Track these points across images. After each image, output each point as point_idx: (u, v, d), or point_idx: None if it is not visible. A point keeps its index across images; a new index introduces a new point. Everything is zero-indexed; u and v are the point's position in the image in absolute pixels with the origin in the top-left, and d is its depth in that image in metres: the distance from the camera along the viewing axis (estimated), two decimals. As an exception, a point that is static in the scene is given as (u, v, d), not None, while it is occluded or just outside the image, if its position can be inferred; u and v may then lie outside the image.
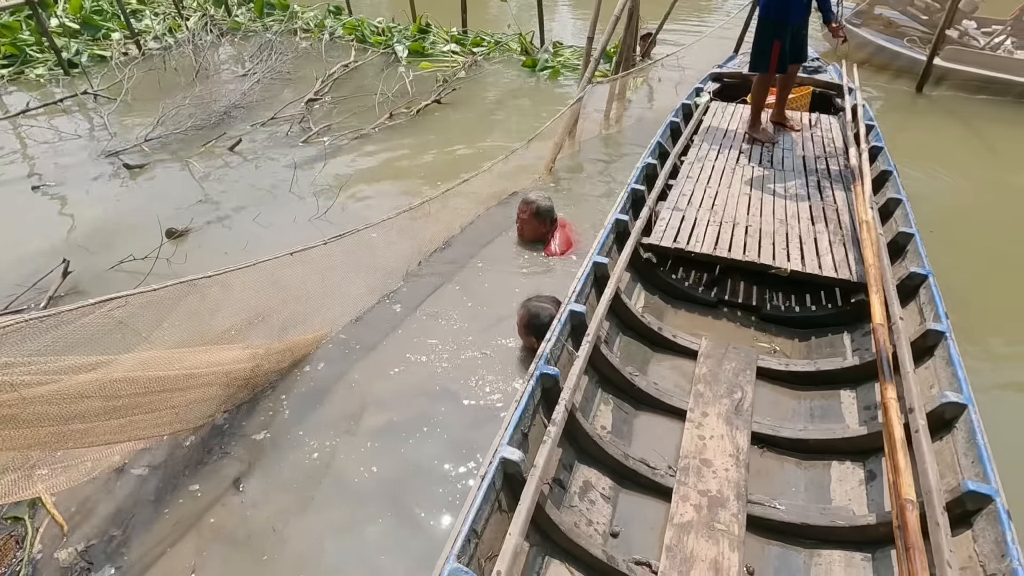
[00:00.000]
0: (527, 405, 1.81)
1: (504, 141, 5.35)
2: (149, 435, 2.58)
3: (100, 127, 5.69)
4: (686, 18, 9.59)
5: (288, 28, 8.68)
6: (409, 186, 4.65)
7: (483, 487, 1.54)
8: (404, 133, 5.60)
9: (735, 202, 3.19)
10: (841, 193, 3.27)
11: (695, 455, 1.93)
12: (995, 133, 5.61)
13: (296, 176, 4.68)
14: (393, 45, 7.92)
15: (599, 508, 1.86)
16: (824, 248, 2.79)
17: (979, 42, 6.58)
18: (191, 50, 7.37)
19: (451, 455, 2.43)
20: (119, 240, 3.89)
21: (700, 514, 1.74)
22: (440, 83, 6.62)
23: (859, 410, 2.16)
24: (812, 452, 2.04)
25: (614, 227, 2.86)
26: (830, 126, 4.19)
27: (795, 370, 2.35)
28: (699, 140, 3.98)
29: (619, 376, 2.26)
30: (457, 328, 3.11)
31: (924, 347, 2.12)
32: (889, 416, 1.68)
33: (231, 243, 3.84)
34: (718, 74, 5.04)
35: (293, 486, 2.33)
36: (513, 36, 8.14)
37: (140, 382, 2.33)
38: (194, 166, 4.91)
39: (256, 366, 2.88)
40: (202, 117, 5.67)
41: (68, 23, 7.83)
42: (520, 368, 2.83)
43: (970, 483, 1.53)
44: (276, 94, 6.51)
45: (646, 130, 5.63)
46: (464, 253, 3.77)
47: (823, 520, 1.76)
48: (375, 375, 2.84)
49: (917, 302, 2.40)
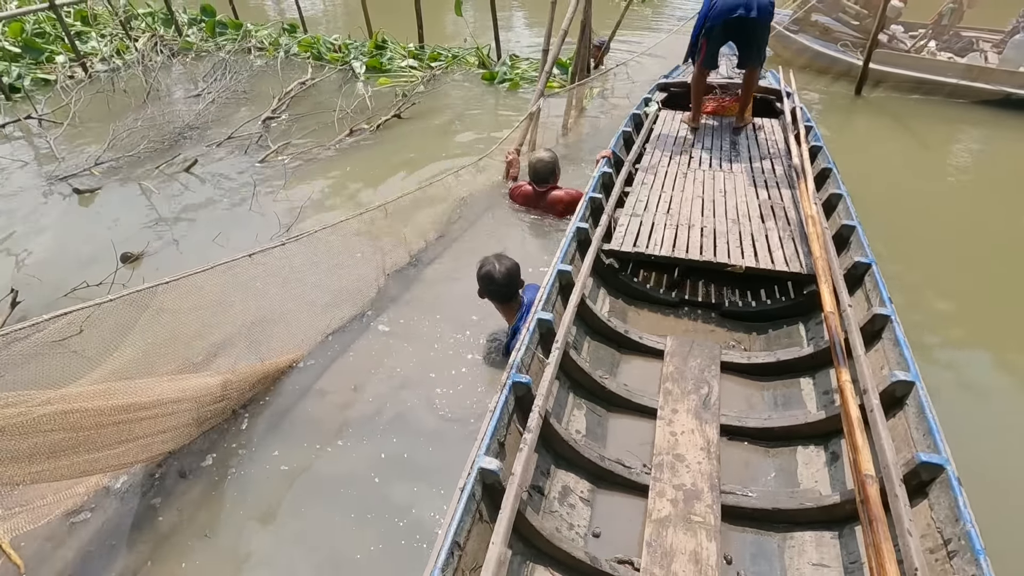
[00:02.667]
0: (501, 414, 1.83)
1: (465, 152, 5.43)
2: (115, 467, 2.50)
3: (47, 152, 5.51)
4: (639, 29, 9.90)
5: (242, 47, 8.58)
6: (370, 200, 4.65)
7: (463, 499, 1.54)
8: (365, 148, 5.60)
9: (689, 205, 3.30)
10: (787, 191, 3.41)
11: (668, 451, 1.98)
12: (925, 130, 5.98)
13: (256, 194, 4.63)
14: (350, 62, 7.93)
15: (579, 511, 1.89)
16: (775, 244, 2.90)
17: (906, 45, 7.00)
18: (141, 71, 7.21)
19: (426, 477, 2.44)
20: (71, 268, 3.77)
21: (677, 508, 1.79)
22: (399, 98, 6.65)
23: (818, 395, 2.24)
24: (778, 439, 2.11)
25: (575, 235, 2.90)
26: (772, 129, 4.38)
27: (757, 362, 2.43)
28: (651, 148, 4.11)
29: (590, 380, 2.30)
30: (427, 344, 3.12)
31: (872, 331, 2.22)
32: (845, 398, 1.76)
33: (190, 265, 3.74)
34: (665, 84, 5.21)
35: (263, 517, 2.30)
36: (470, 50, 8.25)
37: (103, 412, 2.28)
38: (149, 189, 4.80)
39: (226, 392, 2.83)
40: (155, 139, 5.56)
41: (8, 47, 7.57)
42: (490, 387, 2.85)
43: (923, 455, 1.61)
44: (232, 114, 6.43)
45: (602, 137, 5.78)
46: (432, 265, 3.80)
47: (792, 503, 1.82)
48: (347, 397, 2.83)
49: (863, 289, 2.51)
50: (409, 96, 6.68)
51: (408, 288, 3.58)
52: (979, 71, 6.19)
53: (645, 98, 4.96)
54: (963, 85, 6.28)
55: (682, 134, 4.34)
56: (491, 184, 4.78)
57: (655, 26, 10.32)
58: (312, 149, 5.49)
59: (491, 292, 2.82)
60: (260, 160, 5.29)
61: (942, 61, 6.50)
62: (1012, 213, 4.58)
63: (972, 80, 6.19)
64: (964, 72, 6.25)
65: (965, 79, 6.22)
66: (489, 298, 2.88)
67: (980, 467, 2.20)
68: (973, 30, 7.28)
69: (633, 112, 4.65)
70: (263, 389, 2.90)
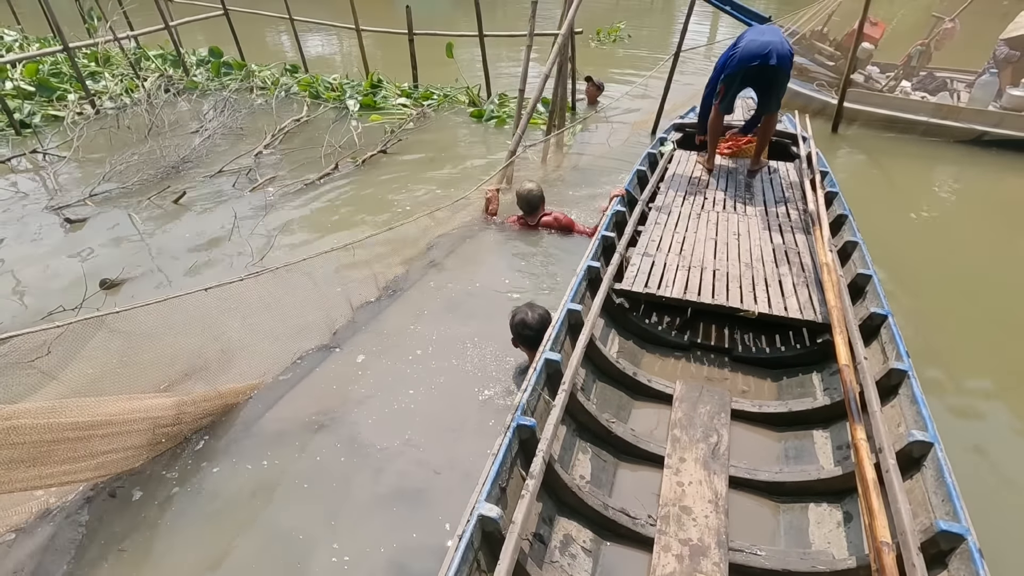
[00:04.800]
0: (504, 458, 1.77)
1: (444, 188, 5.62)
2: (63, 483, 2.59)
3: (47, 184, 5.80)
4: (627, 67, 10.24)
5: (245, 86, 9.00)
6: (348, 233, 4.82)
7: (461, 547, 1.49)
8: (348, 182, 5.83)
9: (702, 247, 3.26)
10: (801, 236, 3.36)
11: (675, 502, 1.91)
12: (897, 167, 6.12)
13: (237, 225, 4.82)
14: (345, 100, 8.27)
15: (580, 562, 1.83)
16: (789, 290, 2.84)
17: (881, 85, 7.21)
18: (145, 109, 7.58)
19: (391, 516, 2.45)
20: (54, 293, 3.95)
21: (682, 564, 1.71)
22: (388, 134, 6.92)
23: (832, 450, 2.16)
24: (789, 495, 2.04)
25: (586, 274, 2.87)
26: (787, 172, 4.38)
27: (768, 411, 2.36)
28: (665, 187, 4.11)
29: (596, 424, 2.25)
30: (388, 378, 3.19)
31: (889, 386, 2.15)
32: (860, 457, 1.69)
33: (165, 291, 3.94)
34: (680, 124, 5.23)
35: (208, 544, 2.34)
36: (461, 89, 8.58)
37: (54, 428, 2.38)
38: (136, 219, 5.02)
39: (180, 415, 2.92)
40: (150, 172, 5.83)
41: (23, 85, 8.01)
42: (456, 422, 2.86)
43: (942, 523, 1.54)
44: (227, 148, 6.72)
45: (583, 175, 5.97)
46: (406, 297, 3.92)
47: (803, 566, 1.74)
48: (301, 430, 2.87)
49: (879, 341, 2.43)
50: (396, 133, 6.95)
51: (375, 321, 3.68)
52: (948, 110, 6.36)
53: (660, 137, 5.00)
54: (935, 123, 6.44)
55: (696, 174, 4.35)
56: (467, 220, 4.94)
57: (640, 65, 10.67)
58: (298, 182, 5.72)
59: (524, 339, 2.86)
60: (248, 190, 5.52)
61: (913, 100, 6.68)
62: (980, 251, 4.65)
63: (942, 118, 6.35)
64: (934, 111, 6.41)
65: (935, 117, 6.38)
66: (523, 344, 2.91)
67: (1002, 538, 2.14)
68: (948, 71, 7.49)
69: (648, 151, 4.69)
70: (217, 418, 2.96)
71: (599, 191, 5.47)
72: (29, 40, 11.11)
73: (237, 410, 3.02)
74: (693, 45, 11.71)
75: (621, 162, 6.32)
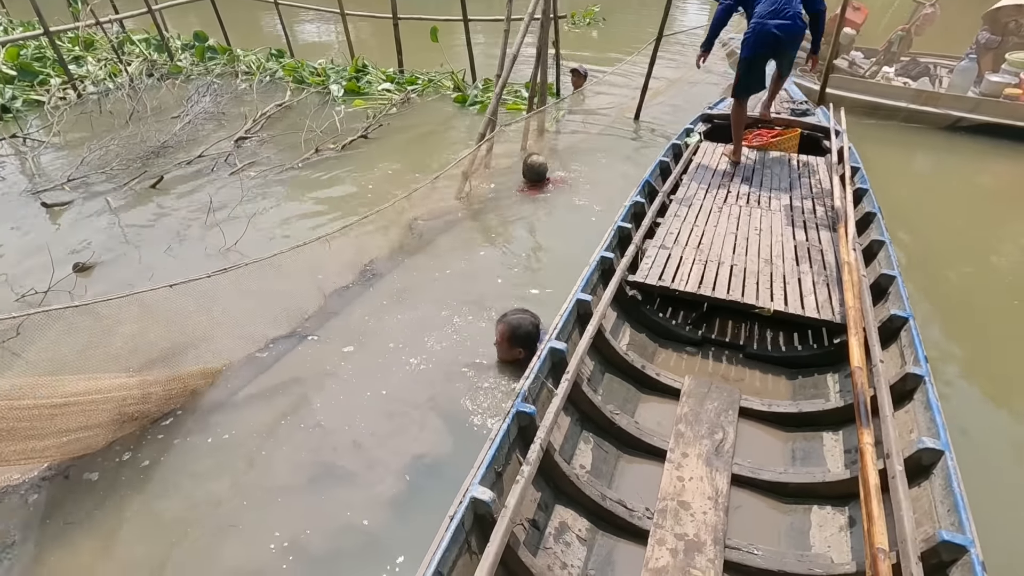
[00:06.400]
0: (502, 443, 1.77)
1: (423, 172, 5.64)
2: (25, 462, 2.64)
3: (27, 169, 5.80)
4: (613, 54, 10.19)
5: (229, 71, 8.95)
6: (324, 218, 4.86)
7: (451, 528, 1.49)
8: (327, 167, 5.84)
9: (721, 241, 3.21)
10: (826, 234, 3.28)
11: (673, 496, 1.90)
12: (877, 155, 6.12)
13: (212, 209, 4.84)
14: (329, 85, 8.24)
15: (574, 551, 1.83)
16: (808, 289, 2.78)
17: (864, 70, 7.20)
18: (128, 94, 7.55)
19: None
20: (27, 276, 3.98)
21: (676, 559, 1.70)
22: (370, 119, 6.92)
23: (842, 453, 2.12)
24: (793, 496, 2.01)
25: (599, 264, 2.84)
26: (817, 167, 4.26)
27: (778, 411, 2.32)
28: (688, 179, 4.04)
29: (599, 415, 2.24)
30: (360, 363, 3.22)
31: (904, 391, 2.10)
32: (865, 461, 1.65)
33: (138, 275, 3.98)
34: (708, 115, 5.10)
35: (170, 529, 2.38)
36: (446, 74, 8.55)
37: (15, 408, 2.44)
38: (113, 203, 5.04)
39: (145, 396, 2.96)
40: (128, 157, 5.83)
41: (4, 69, 7.96)
42: (427, 410, 2.88)
43: (945, 533, 1.50)
44: (209, 134, 6.71)
45: (562, 161, 5.99)
46: (378, 284, 3.95)
47: (800, 568, 1.72)
48: (264, 417, 2.90)
49: (898, 345, 2.37)
50: (377, 118, 6.95)
51: (347, 308, 3.71)
52: (927, 96, 6.36)
53: (687, 128, 4.90)
54: (916, 110, 6.44)
55: (721, 167, 4.25)
56: (445, 204, 4.97)
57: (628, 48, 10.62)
58: (277, 167, 5.73)
59: (518, 338, 2.89)
60: (226, 175, 5.53)
61: (894, 86, 6.68)
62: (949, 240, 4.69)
63: (922, 104, 6.35)
64: (914, 96, 6.41)
65: (915, 103, 6.38)
66: (515, 344, 2.92)
67: (1010, 554, 2.09)
68: (932, 56, 7.47)
69: (672, 142, 4.60)
70: (182, 402, 3.00)
71: (578, 177, 5.51)
72: (13, 24, 11.01)
73: (202, 395, 3.06)
74: (678, 30, 11.67)
75: (602, 149, 6.34)
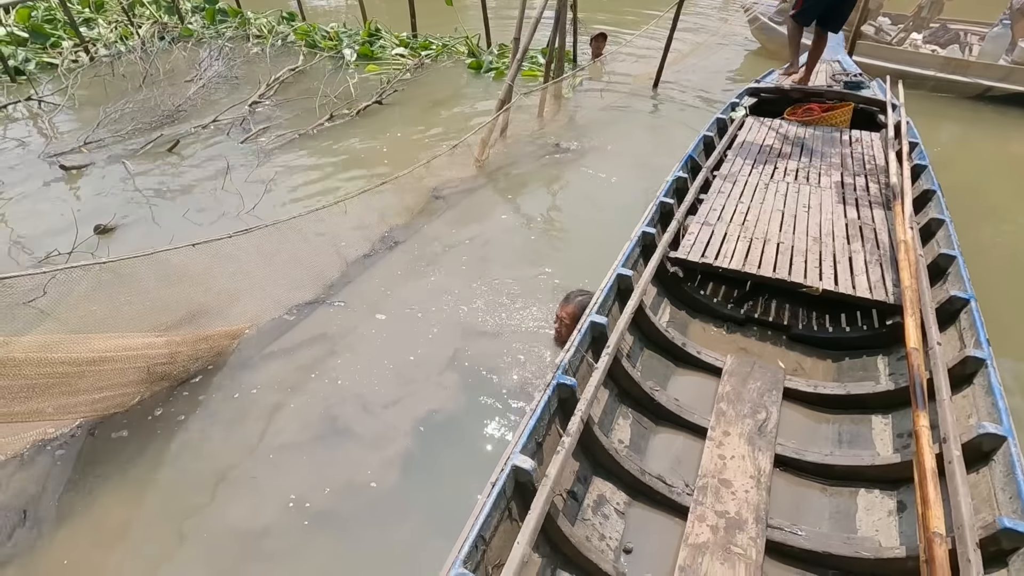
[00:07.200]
0: (542, 414, 1.78)
1: (439, 139, 5.59)
2: (60, 418, 2.72)
3: (43, 131, 5.81)
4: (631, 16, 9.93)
5: (240, 34, 8.83)
6: (339, 183, 4.84)
7: (493, 494, 1.51)
8: (342, 133, 5.79)
9: (767, 218, 3.10)
10: (880, 212, 3.16)
11: (714, 475, 1.87)
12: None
13: (229, 174, 4.84)
14: (342, 49, 8.12)
15: (612, 523, 1.83)
16: (859, 268, 2.67)
17: (891, 37, 6.97)
18: (140, 57, 7.49)
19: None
20: (49, 238, 4.03)
21: (717, 535, 1.68)
22: (384, 85, 6.83)
23: (892, 437, 2.06)
24: (838, 478, 1.97)
25: (640, 240, 2.80)
26: (871, 143, 4.09)
27: (824, 392, 2.26)
28: (733, 155, 3.91)
29: (639, 390, 2.22)
30: (379, 332, 3.25)
31: (963, 375, 2.02)
32: (920, 444, 1.60)
33: (158, 238, 4.01)
34: (755, 89, 4.91)
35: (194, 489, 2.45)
36: (460, 39, 8.39)
37: (48, 363, 2.49)
38: (130, 167, 5.05)
39: (173, 354, 3.02)
40: (144, 121, 5.81)
41: (16, 32, 7.90)
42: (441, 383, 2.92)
43: (1007, 520, 1.44)
44: (222, 98, 6.66)
45: (579, 130, 5.90)
46: (397, 250, 3.95)
47: (846, 550, 1.69)
48: (290, 380, 2.95)
49: (957, 327, 2.28)
50: (392, 83, 6.85)
51: (367, 274, 3.73)
52: (957, 64, 6.16)
53: (732, 102, 4.73)
54: (944, 79, 6.25)
55: (768, 143, 4.10)
56: (463, 171, 4.93)
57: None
58: (291, 133, 5.69)
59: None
60: (240, 142, 5.51)
61: (922, 54, 6.47)
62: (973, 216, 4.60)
63: (950, 73, 6.16)
64: (943, 65, 6.22)
65: (944, 72, 6.19)
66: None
67: None
68: (962, 23, 7.22)
69: (717, 116, 4.46)
70: (207, 363, 3.05)
71: (595, 147, 5.43)
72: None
73: (227, 356, 3.11)
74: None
75: (620, 118, 6.24)
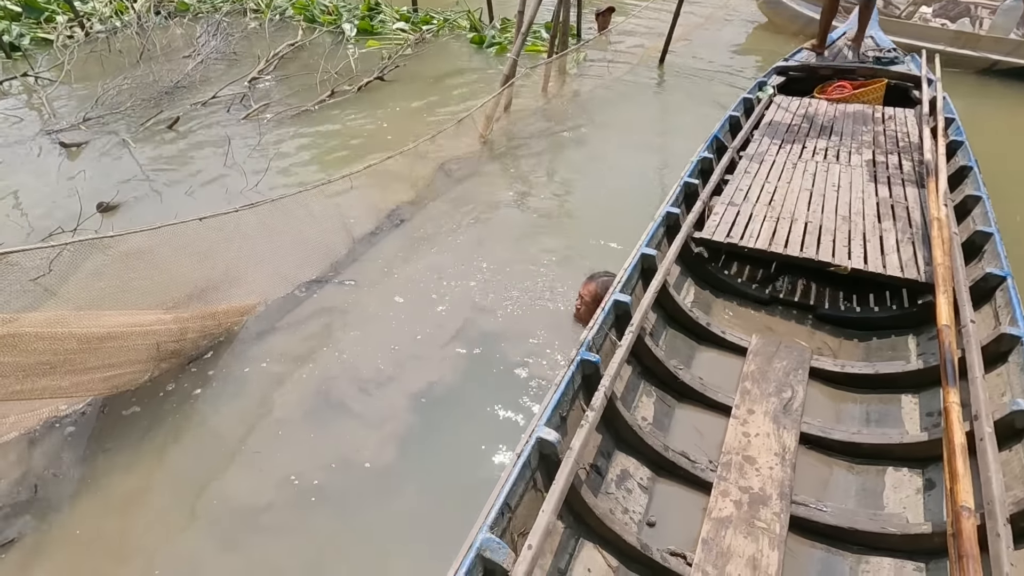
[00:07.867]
0: (566, 390, 1.81)
1: (442, 115, 5.53)
2: (72, 395, 2.73)
3: (40, 108, 5.74)
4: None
5: (237, 8, 8.67)
6: (341, 159, 4.81)
7: (518, 464, 1.54)
8: (344, 109, 5.73)
9: (795, 198, 3.05)
10: (913, 190, 3.08)
11: (738, 451, 1.87)
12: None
13: (230, 151, 4.80)
14: (341, 24, 7.98)
15: (635, 497, 1.86)
16: (890, 247, 2.62)
17: (900, 10, 6.85)
18: (136, 32, 7.37)
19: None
20: (52, 215, 4.01)
21: (740, 510, 1.69)
22: (385, 60, 6.73)
23: (921, 416, 2.04)
24: (865, 457, 1.96)
25: (664, 219, 2.79)
26: (904, 120, 3.98)
27: (851, 372, 2.24)
28: (759, 135, 3.85)
29: (662, 368, 2.23)
30: (387, 309, 3.26)
31: (997, 352, 1.98)
32: (950, 420, 1.59)
33: (161, 215, 3.98)
34: (783, 67, 4.82)
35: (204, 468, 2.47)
36: (462, 13, 8.24)
37: (58, 338, 2.50)
38: (131, 144, 5.00)
39: (183, 330, 3.02)
40: (143, 97, 5.74)
41: (9, 6, 7.76)
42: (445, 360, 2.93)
43: None
44: (221, 74, 6.58)
45: (581, 101, 5.84)
46: (405, 227, 3.94)
47: (873, 526, 1.69)
48: (298, 354, 2.96)
49: (992, 305, 2.23)
50: (393, 59, 6.75)
51: (374, 251, 3.72)
52: (967, 38, 6.06)
53: (759, 81, 4.64)
54: (953, 53, 6.15)
55: (796, 122, 4.03)
56: (467, 147, 4.89)
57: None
58: (293, 109, 5.63)
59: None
60: (241, 118, 5.46)
61: (931, 27, 6.37)
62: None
63: (960, 47, 6.07)
64: (952, 39, 6.12)
65: (953, 46, 6.09)
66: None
67: None
68: (973, -4, 7.08)
69: (744, 96, 4.40)
70: (216, 340, 3.06)
71: (599, 122, 5.37)
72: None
73: (235, 334, 3.12)
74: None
75: (625, 93, 6.16)
